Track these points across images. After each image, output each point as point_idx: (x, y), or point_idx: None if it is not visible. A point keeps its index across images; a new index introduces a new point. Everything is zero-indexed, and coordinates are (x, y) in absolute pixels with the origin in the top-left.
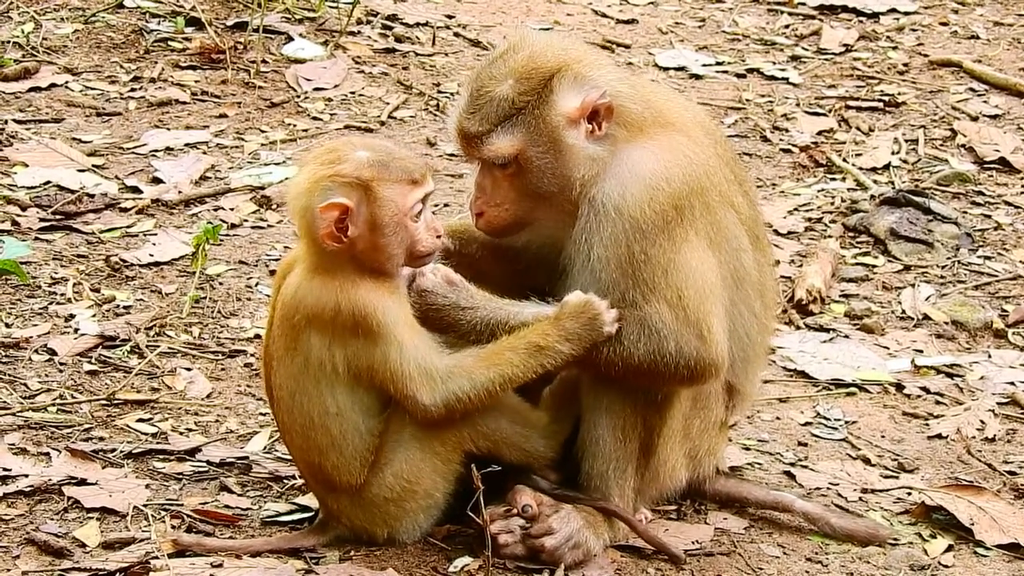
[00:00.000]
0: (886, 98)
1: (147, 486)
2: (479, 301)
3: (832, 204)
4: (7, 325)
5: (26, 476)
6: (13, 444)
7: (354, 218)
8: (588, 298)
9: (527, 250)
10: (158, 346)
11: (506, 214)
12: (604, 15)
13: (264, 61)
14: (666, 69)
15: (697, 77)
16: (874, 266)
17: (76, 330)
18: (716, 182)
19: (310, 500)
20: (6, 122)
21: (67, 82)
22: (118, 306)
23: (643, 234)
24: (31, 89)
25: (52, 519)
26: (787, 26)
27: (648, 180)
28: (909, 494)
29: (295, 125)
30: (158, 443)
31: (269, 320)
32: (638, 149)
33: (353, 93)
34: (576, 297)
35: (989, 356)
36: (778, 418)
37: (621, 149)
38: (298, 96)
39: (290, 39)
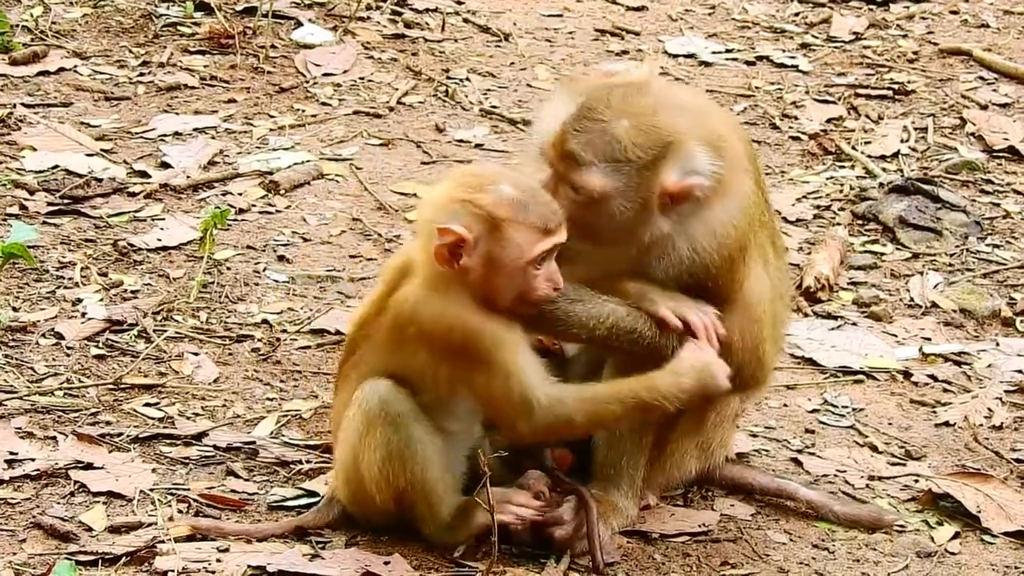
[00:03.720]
0: (895, 86)
1: (154, 470)
2: (585, 295)
3: (841, 192)
4: (15, 309)
5: (33, 460)
6: (20, 428)
7: (469, 249)
8: (708, 358)
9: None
10: (165, 331)
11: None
12: (614, 2)
13: (273, 46)
14: (676, 56)
15: (707, 64)
16: (882, 254)
17: (83, 314)
18: (759, 207)
19: (316, 485)
20: (15, 106)
21: (76, 66)
22: (125, 290)
23: (710, 275)
24: (40, 73)
25: (59, 503)
26: (797, 14)
27: (717, 234)
28: (916, 481)
29: (304, 110)
30: (165, 427)
31: (376, 304)
32: (708, 210)
33: (362, 79)
34: (695, 356)
35: (997, 344)
36: (786, 405)
37: (693, 214)
38: (307, 81)
39: (299, 24)
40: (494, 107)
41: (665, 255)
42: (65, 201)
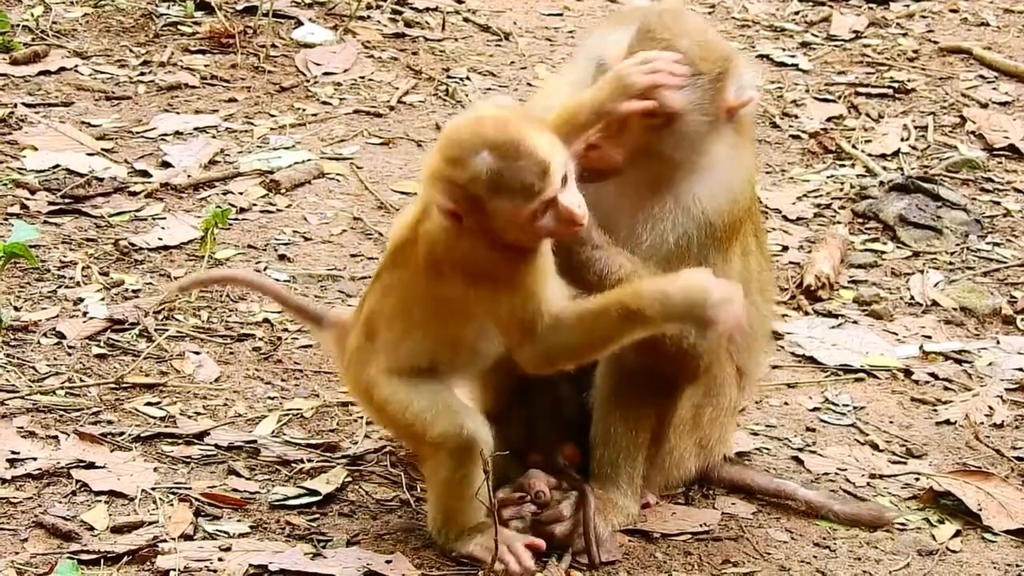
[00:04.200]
0: (896, 85)
1: (155, 469)
2: (604, 241)
3: (841, 190)
4: (16, 308)
5: (34, 459)
6: (21, 427)
7: (464, 218)
8: (710, 283)
9: None
10: (167, 330)
11: (617, 159)
12: (614, 0)
13: (274, 45)
14: None
15: None
16: (883, 252)
17: (85, 313)
18: (754, 188)
19: (318, 484)
20: (15, 105)
21: (76, 66)
22: (127, 290)
23: (713, 239)
24: (40, 73)
25: (60, 502)
26: (797, 12)
27: (731, 193)
28: (917, 479)
29: (304, 109)
30: (166, 427)
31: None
32: (731, 157)
33: (363, 78)
34: (696, 275)
35: (997, 342)
36: (786, 403)
37: (719, 147)
38: (307, 81)
39: (300, 24)
40: None
41: (690, 203)
42: (66, 200)
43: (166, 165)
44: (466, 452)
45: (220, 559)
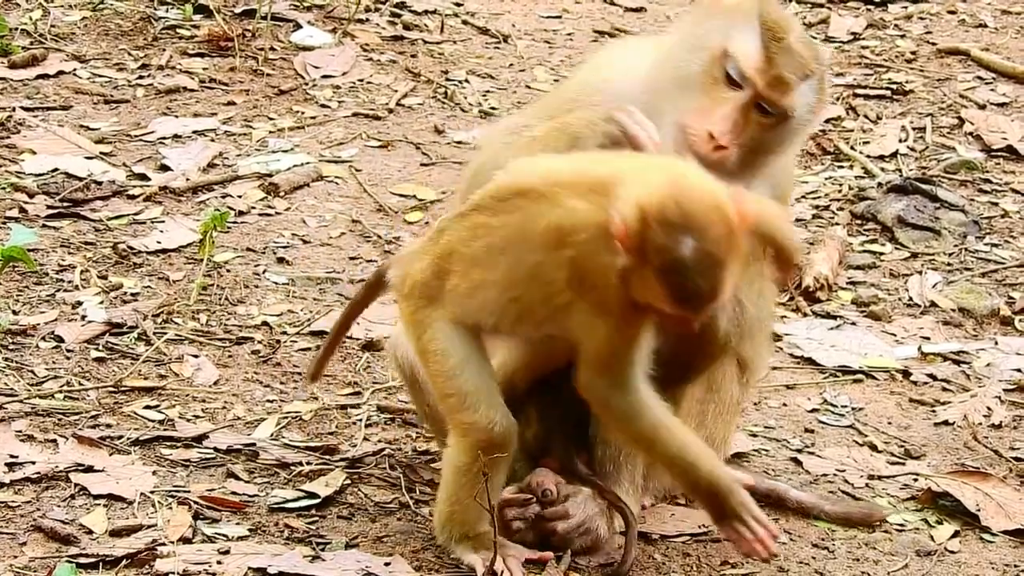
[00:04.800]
0: (894, 86)
1: (154, 473)
2: None
3: (840, 192)
4: (14, 312)
5: (33, 463)
6: (20, 431)
7: (623, 253)
8: (740, 491)
9: None
10: (165, 333)
11: (735, 156)
12: (612, 3)
13: (272, 48)
14: None
15: None
16: (881, 253)
17: (83, 317)
18: None
19: (317, 487)
20: (14, 109)
21: (75, 69)
22: (125, 293)
23: None
24: (39, 76)
25: (59, 506)
26: (795, 14)
27: (790, 192)
28: (915, 480)
29: (303, 112)
30: (165, 430)
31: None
32: (790, 160)
33: (361, 81)
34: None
35: (996, 343)
36: (785, 404)
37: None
38: (306, 83)
39: (298, 26)
40: (493, 108)
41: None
42: (65, 204)
43: (165, 168)
44: (489, 450)
45: (219, 562)
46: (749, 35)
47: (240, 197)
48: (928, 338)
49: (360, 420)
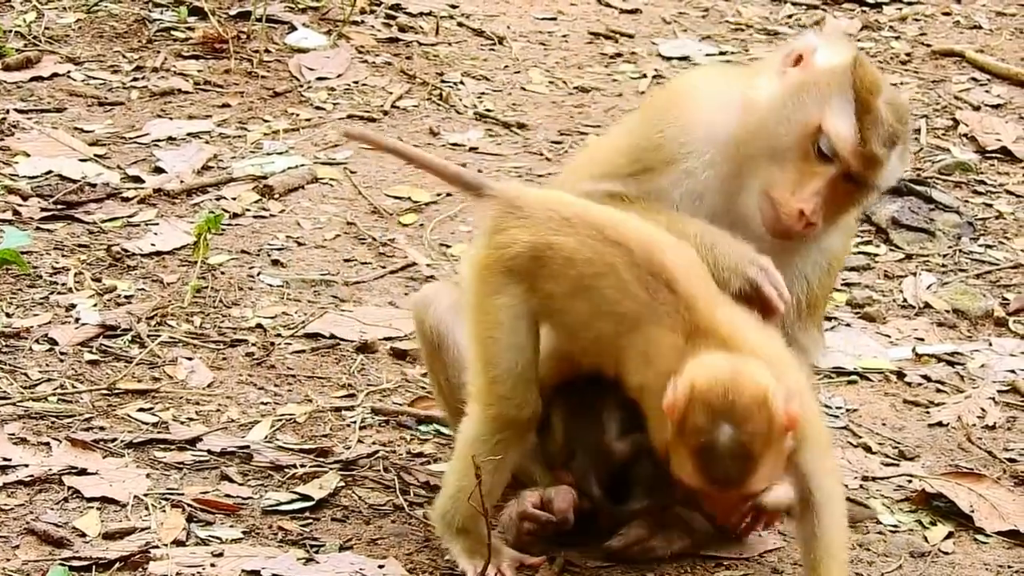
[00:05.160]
0: None
1: (148, 475)
2: None
3: None
4: (8, 315)
5: (26, 466)
6: (13, 434)
7: (669, 413)
8: None
9: None
10: (159, 336)
11: (818, 226)
12: (608, 4)
13: (267, 51)
14: (669, 59)
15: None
16: (876, 255)
17: (77, 320)
18: None
19: (311, 489)
20: (8, 111)
21: (69, 71)
22: (119, 296)
23: (835, 276)
24: (33, 78)
25: (52, 509)
26: (790, 16)
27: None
28: (910, 481)
29: (298, 115)
30: (159, 432)
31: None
32: None
33: (356, 83)
34: None
35: (990, 344)
36: None
37: None
38: (301, 86)
39: (293, 28)
40: (488, 111)
41: (827, 248)
42: (59, 206)
43: (159, 171)
44: (507, 428)
45: (212, 565)
46: (843, 108)
47: (234, 199)
48: (922, 339)
49: (354, 422)
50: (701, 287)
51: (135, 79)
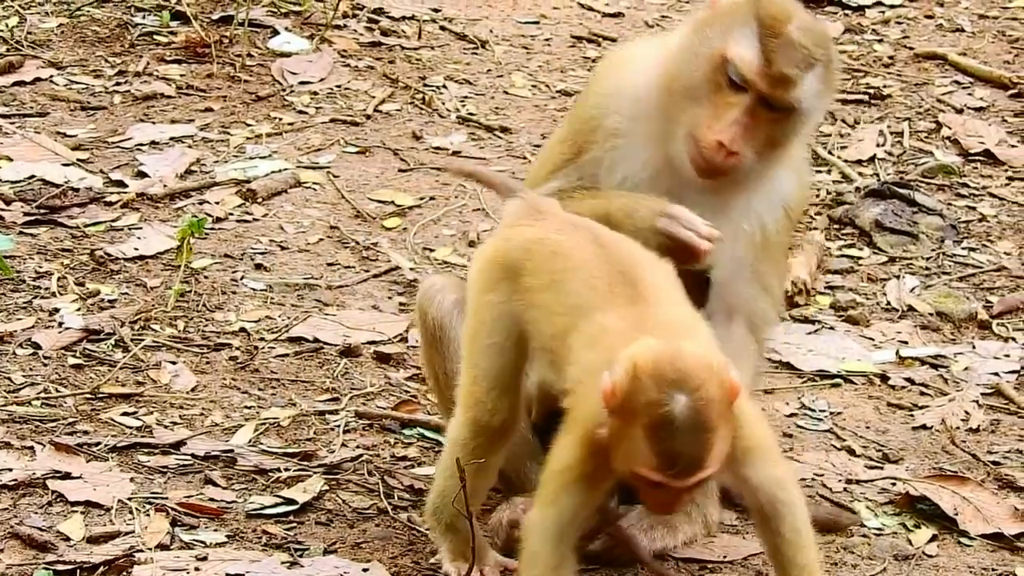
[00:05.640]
0: (871, 91)
1: (132, 479)
2: None
3: (818, 196)
4: None
5: (10, 470)
6: None
7: (607, 400)
8: None
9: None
10: (143, 340)
11: (749, 156)
12: (590, 8)
13: (250, 55)
14: None
15: None
16: (859, 258)
17: (60, 324)
18: None
19: (295, 493)
20: None
21: (52, 76)
22: (103, 300)
23: (792, 229)
24: (15, 83)
25: (36, 513)
26: None
27: (807, 179)
28: (893, 484)
29: (281, 119)
30: (143, 436)
31: None
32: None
33: (339, 87)
34: None
35: (973, 347)
36: (763, 409)
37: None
38: (284, 90)
39: (276, 33)
40: (471, 114)
41: (779, 196)
42: (42, 211)
43: (142, 175)
44: (482, 435)
45: (196, 569)
46: (747, 36)
47: (217, 203)
48: (906, 342)
49: (338, 426)
50: (664, 287)
51: (118, 84)
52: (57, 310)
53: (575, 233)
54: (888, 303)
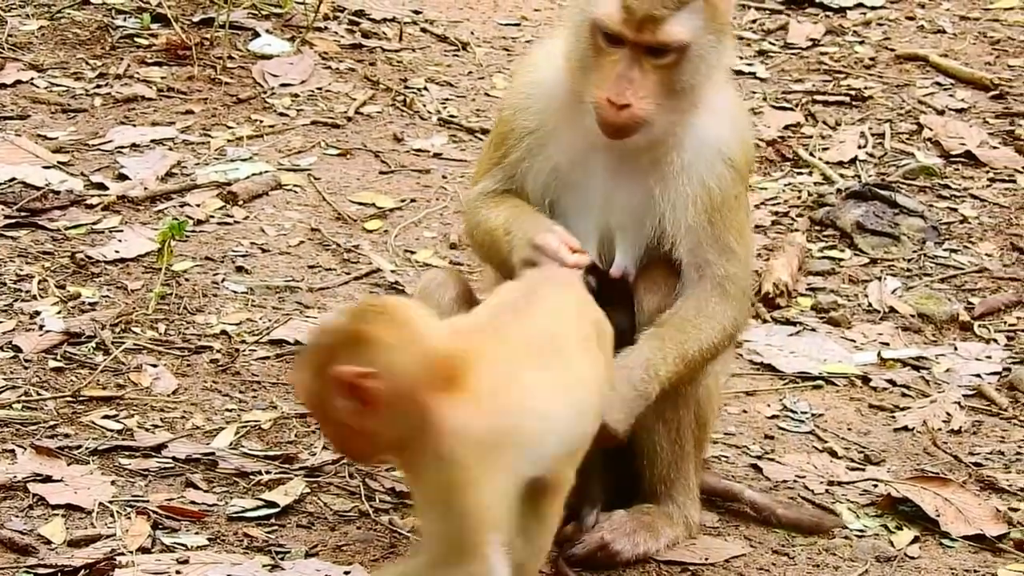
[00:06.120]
0: (853, 92)
1: (113, 483)
2: None
3: (799, 198)
4: None
5: None
6: None
7: None
8: None
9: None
10: (124, 342)
11: (647, 109)
12: None
13: (230, 57)
14: None
15: None
16: (841, 259)
17: (41, 327)
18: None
19: (276, 496)
20: None
21: (32, 79)
22: (84, 303)
23: (740, 178)
24: None
25: (17, 516)
26: (754, 21)
27: (746, 123)
28: (875, 486)
29: (261, 121)
30: (124, 439)
31: None
32: (728, 89)
33: (320, 89)
34: None
35: (955, 348)
36: (745, 411)
37: (718, 88)
38: (265, 92)
39: (257, 35)
40: (452, 116)
41: (705, 144)
42: (22, 214)
43: (123, 178)
44: None
45: (178, 572)
46: None
47: (198, 206)
48: (887, 344)
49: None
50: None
51: (99, 86)
52: (38, 313)
53: None
54: (870, 305)
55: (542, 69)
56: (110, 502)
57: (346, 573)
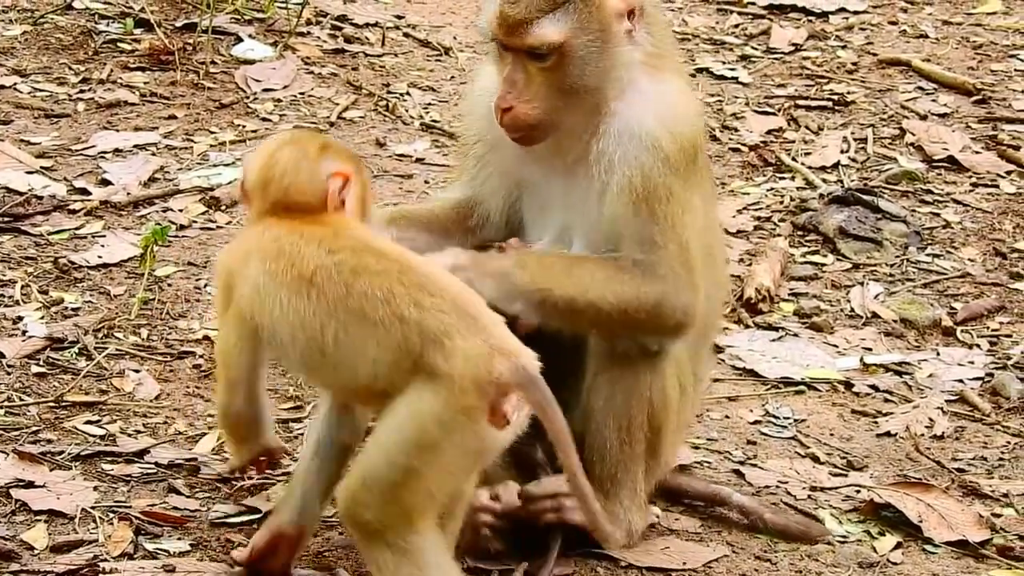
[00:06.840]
0: (835, 97)
1: (95, 488)
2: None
3: (781, 203)
4: None
5: None
6: None
7: None
8: None
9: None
10: (106, 348)
11: (535, 112)
12: None
13: (213, 62)
14: None
15: None
16: (823, 264)
17: (24, 332)
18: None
19: (258, 501)
20: None
21: (15, 84)
22: (66, 308)
23: (670, 168)
24: None
25: None
26: (737, 25)
27: (676, 112)
28: (858, 492)
29: (244, 126)
30: (106, 445)
31: None
32: (659, 80)
33: (303, 94)
34: None
35: (938, 354)
36: (727, 417)
37: (642, 71)
38: (247, 97)
39: (239, 40)
40: (435, 121)
41: (628, 130)
42: (5, 219)
43: (105, 183)
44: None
45: None
46: (490, 1)
47: (181, 211)
48: (870, 349)
49: (302, 434)
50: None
51: (81, 91)
52: (21, 318)
53: None
54: (852, 310)
55: (486, 77)
56: (92, 507)
57: None
